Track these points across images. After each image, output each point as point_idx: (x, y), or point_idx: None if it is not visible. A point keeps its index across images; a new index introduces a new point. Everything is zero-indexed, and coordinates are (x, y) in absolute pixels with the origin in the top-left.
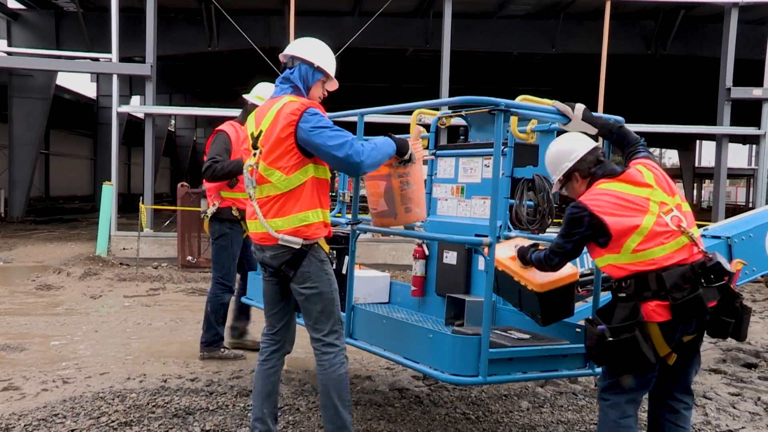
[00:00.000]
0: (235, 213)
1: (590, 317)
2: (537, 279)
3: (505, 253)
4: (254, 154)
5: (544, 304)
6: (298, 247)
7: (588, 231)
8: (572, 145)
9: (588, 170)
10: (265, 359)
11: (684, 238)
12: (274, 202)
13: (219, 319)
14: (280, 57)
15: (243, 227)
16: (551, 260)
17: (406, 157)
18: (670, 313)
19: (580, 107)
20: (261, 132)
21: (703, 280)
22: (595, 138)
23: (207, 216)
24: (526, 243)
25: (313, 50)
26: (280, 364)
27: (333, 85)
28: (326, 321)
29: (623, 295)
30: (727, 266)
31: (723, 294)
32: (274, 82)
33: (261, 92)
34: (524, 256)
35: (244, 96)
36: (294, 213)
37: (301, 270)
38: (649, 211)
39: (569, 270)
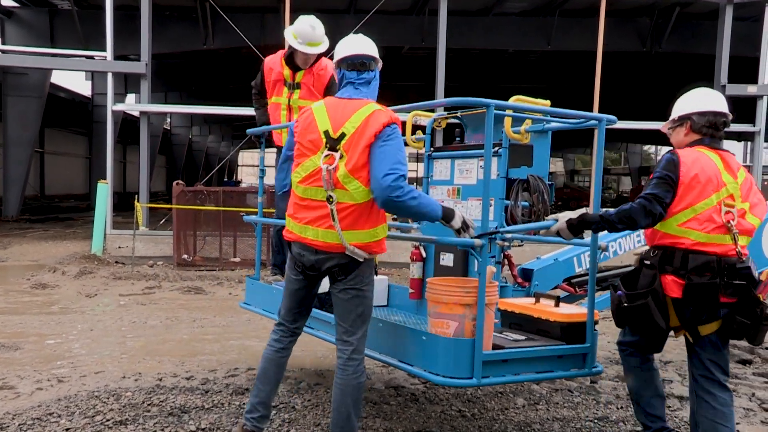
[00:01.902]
0: None
1: (615, 282)
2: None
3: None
4: (327, 156)
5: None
6: (362, 260)
7: (675, 178)
8: (706, 99)
9: (700, 127)
10: (283, 348)
11: (728, 237)
12: (349, 213)
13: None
14: (356, 57)
15: None
16: (650, 210)
17: (455, 225)
18: (681, 292)
19: (559, 224)
20: (344, 135)
21: (725, 277)
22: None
23: None
24: (573, 214)
25: (377, 50)
26: (291, 351)
27: None
28: (361, 326)
29: (648, 263)
30: (755, 274)
31: (743, 295)
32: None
33: (300, 30)
34: (585, 224)
35: (285, 30)
36: (367, 228)
37: (356, 272)
38: (715, 195)
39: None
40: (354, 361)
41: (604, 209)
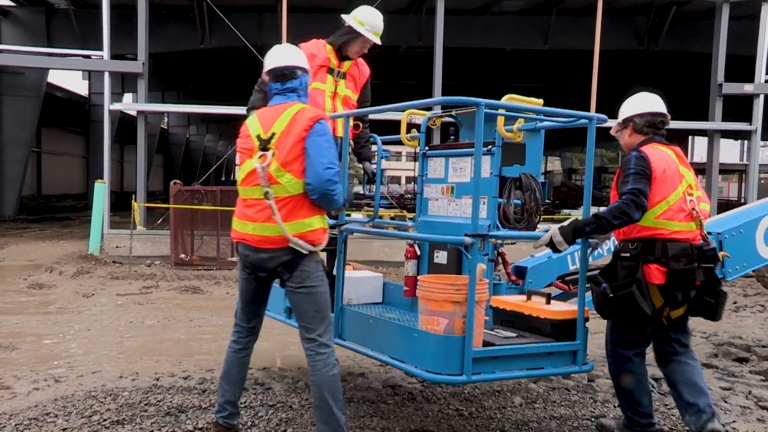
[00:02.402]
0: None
1: (595, 277)
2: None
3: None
4: (261, 156)
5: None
6: (306, 252)
7: (650, 173)
8: (645, 102)
9: (641, 128)
10: (243, 348)
11: (694, 224)
12: (284, 204)
13: None
14: (280, 68)
15: None
16: (639, 203)
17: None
18: (665, 278)
19: (551, 232)
20: (274, 134)
21: (696, 261)
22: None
23: None
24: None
25: (303, 57)
26: (252, 350)
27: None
28: (321, 321)
29: (627, 255)
30: (718, 254)
31: (707, 276)
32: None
33: (367, 18)
34: (579, 231)
35: (343, 16)
36: (300, 218)
37: (300, 270)
38: (680, 186)
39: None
40: (322, 355)
41: (595, 208)
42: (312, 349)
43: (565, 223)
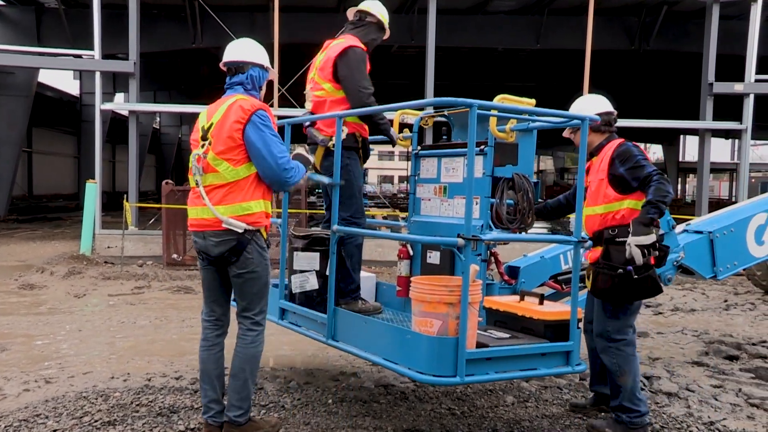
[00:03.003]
0: (358, 138)
1: (599, 262)
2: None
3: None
4: (203, 145)
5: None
6: (241, 231)
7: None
8: (598, 103)
9: (599, 127)
10: (213, 344)
11: None
12: (218, 191)
13: (356, 266)
14: (227, 63)
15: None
16: (666, 184)
17: (310, 167)
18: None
19: (633, 247)
20: (212, 124)
21: None
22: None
23: (325, 146)
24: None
25: (259, 52)
26: (223, 345)
27: (273, 76)
28: (258, 302)
29: (626, 239)
30: None
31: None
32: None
33: (385, 13)
34: (650, 221)
35: (370, 9)
36: (237, 202)
37: (244, 256)
38: None
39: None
40: (253, 332)
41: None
42: (245, 325)
43: (631, 230)
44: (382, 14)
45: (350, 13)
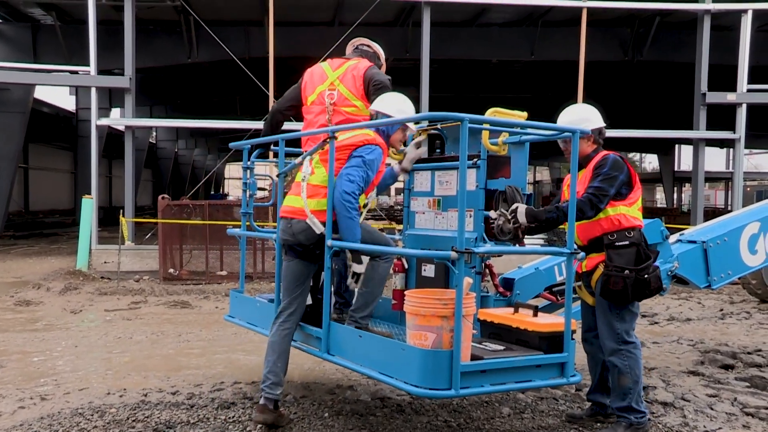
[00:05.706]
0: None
1: (608, 265)
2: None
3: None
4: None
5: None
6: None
7: (624, 177)
8: (594, 114)
9: (593, 138)
10: (285, 322)
11: None
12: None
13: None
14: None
15: None
16: (598, 203)
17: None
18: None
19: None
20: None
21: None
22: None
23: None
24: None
25: (392, 105)
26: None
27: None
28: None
29: (626, 243)
30: None
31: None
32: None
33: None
34: (536, 216)
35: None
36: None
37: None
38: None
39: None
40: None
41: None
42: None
43: (528, 204)
44: (381, 53)
45: (350, 46)
